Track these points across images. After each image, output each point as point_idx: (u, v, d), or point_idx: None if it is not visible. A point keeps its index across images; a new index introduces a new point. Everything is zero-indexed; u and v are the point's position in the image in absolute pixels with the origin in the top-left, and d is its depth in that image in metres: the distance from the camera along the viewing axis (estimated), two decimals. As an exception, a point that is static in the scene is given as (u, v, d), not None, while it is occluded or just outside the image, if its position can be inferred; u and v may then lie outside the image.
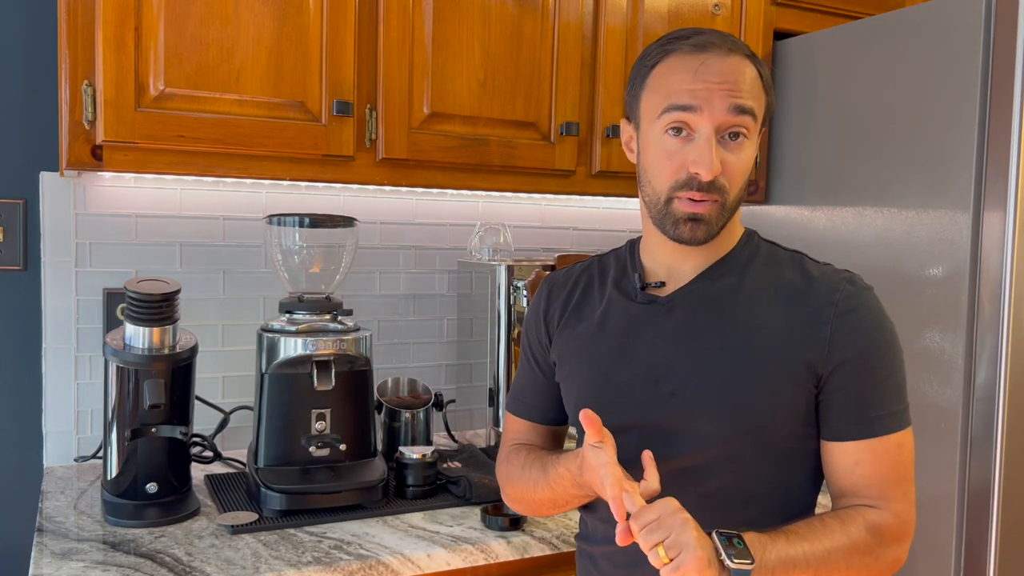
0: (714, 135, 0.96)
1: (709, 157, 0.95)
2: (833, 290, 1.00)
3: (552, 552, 1.36)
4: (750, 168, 1.01)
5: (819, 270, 1.04)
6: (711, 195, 0.97)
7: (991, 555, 1.50)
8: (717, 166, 0.96)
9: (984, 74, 1.50)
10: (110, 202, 1.69)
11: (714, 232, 1.00)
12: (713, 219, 0.99)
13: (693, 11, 1.82)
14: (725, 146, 0.97)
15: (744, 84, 0.97)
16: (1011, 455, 1.49)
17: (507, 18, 1.63)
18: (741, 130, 0.97)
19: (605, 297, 1.11)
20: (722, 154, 0.97)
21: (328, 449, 1.44)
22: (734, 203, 1.01)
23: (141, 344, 1.35)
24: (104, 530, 1.32)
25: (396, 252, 1.95)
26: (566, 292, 1.16)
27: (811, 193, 1.88)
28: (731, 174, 0.98)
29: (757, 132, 1.01)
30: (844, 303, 0.99)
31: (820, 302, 0.99)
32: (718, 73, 0.96)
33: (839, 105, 1.81)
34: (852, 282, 1.01)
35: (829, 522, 0.96)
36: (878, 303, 1.01)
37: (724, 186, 0.98)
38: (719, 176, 0.97)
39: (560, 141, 1.70)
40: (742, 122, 0.97)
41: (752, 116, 0.98)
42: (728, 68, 0.97)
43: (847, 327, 0.98)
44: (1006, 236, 1.46)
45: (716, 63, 0.96)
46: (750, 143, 0.99)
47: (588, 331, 1.11)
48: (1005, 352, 1.47)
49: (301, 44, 1.45)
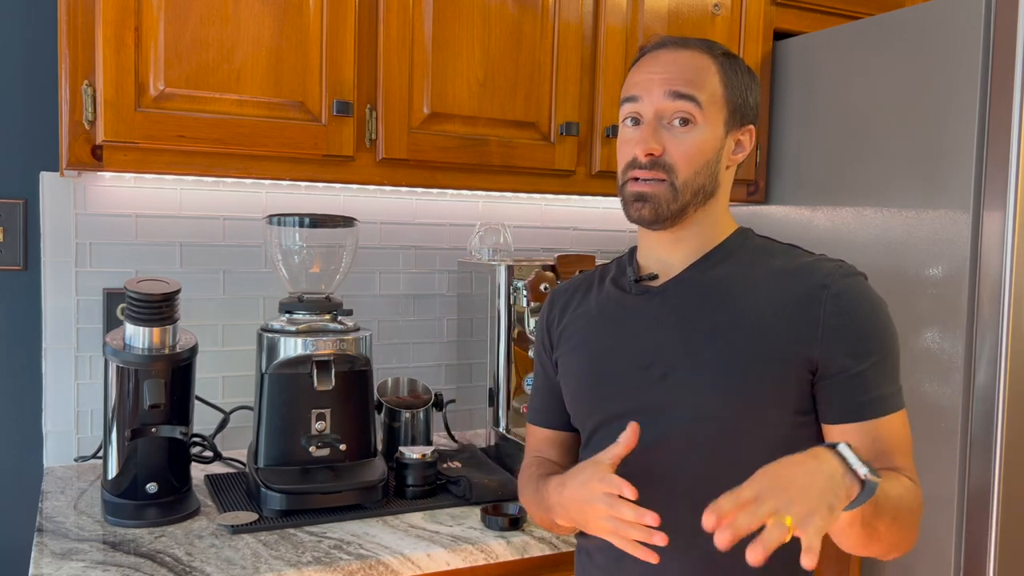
0: (655, 120, 1.03)
1: (644, 136, 1.03)
2: (826, 273, 1.01)
3: (552, 552, 1.36)
4: (705, 153, 1.04)
5: (812, 257, 1.06)
6: (654, 172, 1.03)
7: (991, 555, 1.50)
8: (653, 145, 1.02)
9: (984, 74, 1.50)
10: (110, 202, 1.69)
11: (664, 212, 1.04)
12: (660, 197, 1.03)
13: (693, 11, 1.82)
14: (671, 131, 1.03)
15: (686, 72, 1.03)
16: (1011, 455, 1.49)
17: (507, 18, 1.63)
18: (685, 116, 1.03)
19: (602, 294, 1.14)
20: (666, 137, 1.03)
21: (328, 449, 1.44)
22: (688, 186, 1.04)
23: (141, 344, 1.35)
24: (104, 530, 1.32)
25: (396, 252, 1.95)
26: (566, 297, 1.21)
27: (811, 193, 1.88)
28: (676, 154, 1.03)
29: (715, 123, 1.04)
30: (836, 285, 1.00)
31: (813, 284, 1.00)
32: (660, 64, 1.05)
33: (839, 105, 1.81)
34: (843, 267, 1.03)
35: (890, 472, 0.95)
36: (869, 286, 1.03)
37: (669, 164, 1.03)
38: (662, 155, 1.02)
39: (560, 141, 1.70)
40: (681, 107, 1.02)
41: (693, 102, 1.02)
42: (672, 59, 1.05)
43: (841, 309, 0.98)
44: (1006, 236, 1.46)
45: (662, 56, 1.06)
46: (699, 129, 1.03)
47: (584, 327, 1.14)
48: (1005, 352, 1.47)
49: (301, 44, 1.45)
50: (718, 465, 1.00)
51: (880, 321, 1.01)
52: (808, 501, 0.78)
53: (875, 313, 1.00)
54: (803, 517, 0.77)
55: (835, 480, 0.81)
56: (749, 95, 1.09)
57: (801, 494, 0.78)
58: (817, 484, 0.80)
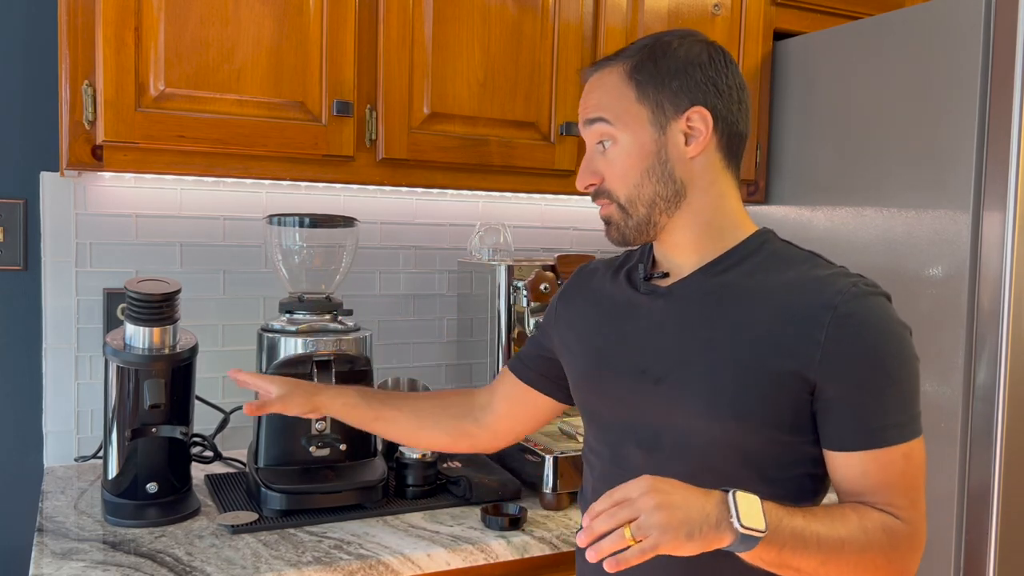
0: (592, 151, 1.06)
1: (580, 171, 1.07)
2: (835, 293, 0.94)
3: (552, 552, 1.36)
4: (633, 164, 1.02)
5: (828, 271, 1.00)
6: (599, 200, 1.06)
7: (991, 555, 1.50)
8: (585, 179, 1.06)
9: (984, 74, 1.50)
10: (110, 202, 1.69)
11: (628, 232, 1.05)
12: (616, 220, 1.05)
13: (693, 11, 1.82)
14: (601, 155, 1.05)
15: (593, 95, 1.05)
16: (1011, 455, 1.49)
17: (507, 18, 1.63)
18: (603, 139, 1.04)
19: (616, 284, 1.14)
20: (597, 163, 1.05)
21: (328, 449, 1.44)
22: (632, 201, 1.03)
23: (141, 344, 1.35)
24: (104, 530, 1.32)
25: (396, 252, 1.95)
26: (588, 274, 1.22)
27: (811, 193, 1.88)
28: (609, 177, 1.04)
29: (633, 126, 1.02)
30: (844, 307, 0.94)
31: (819, 304, 0.95)
32: (583, 97, 1.07)
33: (839, 105, 1.81)
34: (858, 285, 0.96)
35: (848, 513, 0.93)
36: (885, 308, 0.96)
37: (607, 189, 1.04)
38: (601, 183, 1.05)
39: (560, 141, 1.70)
40: (596, 131, 1.04)
41: (603, 121, 1.03)
42: (587, 89, 1.07)
43: (845, 333, 0.93)
44: (1006, 236, 1.46)
45: (585, 88, 1.08)
46: (619, 144, 1.03)
47: (594, 312, 1.14)
48: (1005, 352, 1.47)
49: (301, 44, 1.46)
50: (705, 474, 0.96)
51: (889, 348, 0.94)
52: (665, 519, 0.81)
53: (884, 339, 0.94)
54: (646, 529, 0.81)
55: (708, 520, 0.83)
56: (676, 80, 1.00)
57: (663, 514, 0.82)
58: (684, 511, 0.83)
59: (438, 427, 1.29)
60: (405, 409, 1.30)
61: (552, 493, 1.47)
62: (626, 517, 0.82)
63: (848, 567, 0.91)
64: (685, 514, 0.82)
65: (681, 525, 0.82)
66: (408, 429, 1.30)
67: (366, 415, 1.28)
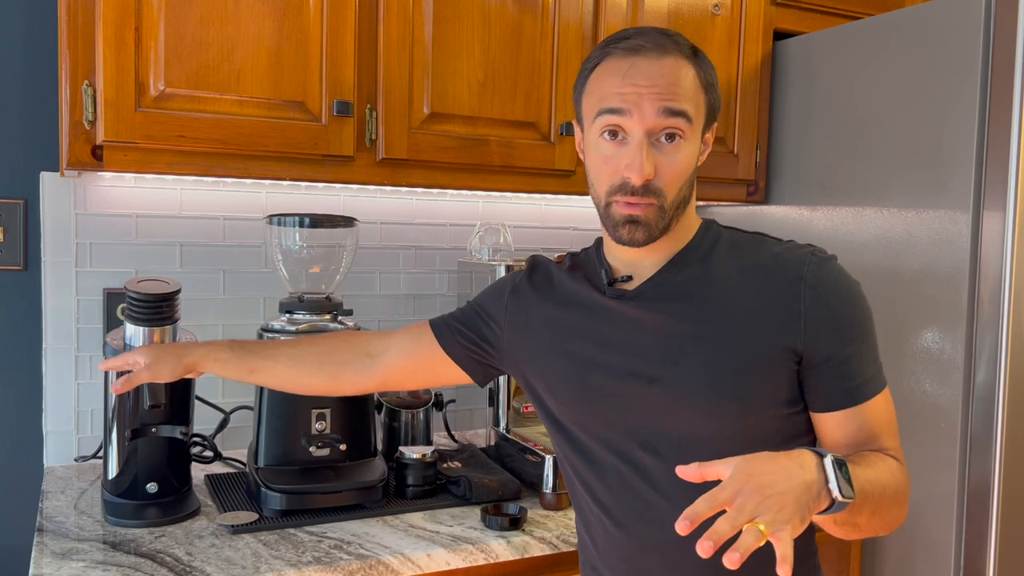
0: (646, 139, 0.97)
1: (639, 162, 0.97)
2: (800, 264, 1.00)
3: (552, 552, 1.36)
4: (689, 168, 1.01)
5: (781, 247, 1.04)
6: (646, 198, 0.98)
7: (991, 555, 1.50)
8: (648, 170, 0.97)
9: (984, 74, 1.50)
10: (110, 202, 1.69)
11: (655, 234, 1.01)
12: (651, 221, 1.00)
13: (693, 11, 1.82)
14: (660, 148, 0.98)
15: (676, 86, 0.97)
16: (1011, 455, 1.49)
17: (507, 18, 1.63)
18: (676, 132, 0.98)
19: (581, 286, 1.11)
20: (656, 157, 0.98)
21: (328, 449, 1.44)
22: (674, 203, 1.01)
23: (141, 344, 1.35)
24: (104, 530, 1.32)
25: (396, 252, 1.95)
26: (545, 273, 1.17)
27: (811, 193, 1.88)
28: (666, 176, 0.99)
29: (698, 133, 1.01)
30: (812, 276, 0.99)
31: (789, 277, 0.99)
32: (647, 76, 0.97)
33: (839, 105, 1.81)
34: (815, 254, 1.02)
35: (871, 457, 0.96)
36: (842, 271, 1.02)
37: (660, 189, 0.99)
38: (653, 179, 0.98)
39: (560, 141, 1.70)
40: (675, 124, 0.97)
41: (685, 118, 0.98)
42: (659, 71, 0.97)
43: (819, 299, 0.98)
44: (1006, 236, 1.46)
45: (646, 66, 0.97)
46: (687, 143, 0.99)
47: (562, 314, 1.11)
48: (1005, 352, 1.47)
49: (301, 44, 1.46)
50: None
51: (857, 305, 1.00)
52: (785, 509, 0.78)
53: (852, 298, 1.00)
54: (778, 525, 0.77)
55: (811, 492, 0.81)
56: (715, 92, 1.03)
57: (779, 500, 0.78)
58: (794, 491, 0.80)
59: (322, 372, 1.27)
60: (281, 357, 1.27)
61: (552, 493, 1.48)
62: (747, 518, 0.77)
63: (884, 509, 0.93)
64: (795, 497, 0.80)
65: (796, 512, 0.79)
66: (286, 377, 1.28)
67: (240, 368, 1.26)
